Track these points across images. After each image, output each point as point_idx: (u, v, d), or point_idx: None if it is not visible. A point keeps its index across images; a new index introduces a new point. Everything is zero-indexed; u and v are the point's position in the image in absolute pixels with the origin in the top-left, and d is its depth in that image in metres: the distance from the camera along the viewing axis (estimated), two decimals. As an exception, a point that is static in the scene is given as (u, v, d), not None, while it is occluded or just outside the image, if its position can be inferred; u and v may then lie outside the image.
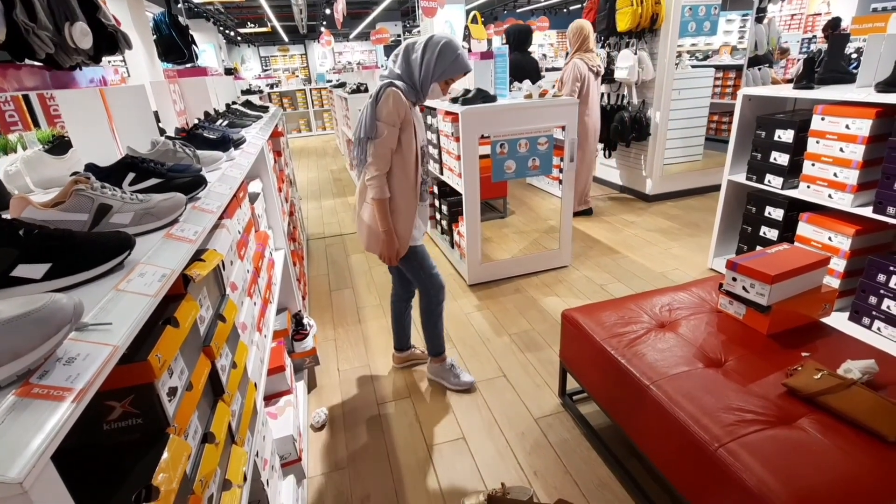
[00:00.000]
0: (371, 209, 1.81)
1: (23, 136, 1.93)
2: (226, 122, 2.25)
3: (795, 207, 2.51)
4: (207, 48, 9.91)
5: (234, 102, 3.34)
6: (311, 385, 2.29)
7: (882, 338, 2.14)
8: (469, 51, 4.39)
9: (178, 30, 2.92)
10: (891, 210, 2.06)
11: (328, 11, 11.08)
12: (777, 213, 2.61)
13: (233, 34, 14.34)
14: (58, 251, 0.70)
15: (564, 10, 14.10)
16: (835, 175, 2.27)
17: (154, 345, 0.71)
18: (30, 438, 0.43)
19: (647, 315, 1.80)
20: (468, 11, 6.37)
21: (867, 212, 2.17)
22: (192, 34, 3.08)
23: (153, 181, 1.11)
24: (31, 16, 0.84)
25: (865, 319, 2.21)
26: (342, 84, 7.27)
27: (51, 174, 1.41)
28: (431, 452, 1.87)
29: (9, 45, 0.83)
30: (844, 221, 2.26)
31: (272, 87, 10.38)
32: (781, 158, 2.55)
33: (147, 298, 0.69)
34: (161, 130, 1.85)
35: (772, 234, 2.66)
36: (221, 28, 11.92)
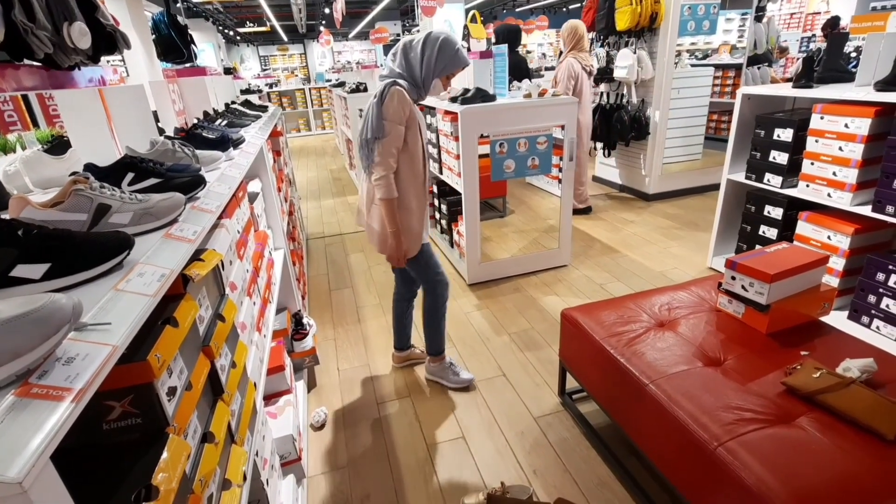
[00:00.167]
0: (380, 211, 1.80)
1: (22, 136, 1.93)
2: (225, 122, 2.25)
3: (795, 206, 2.51)
4: (206, 48, 9.92)
5: (234, 102, 3.33)
6: (311, 385, 2.29)
7: (881, 336, 2.14)
8: (468, 50, 4.39)
9: (177, 29, 2.91)
10: (890, 209, 2.06)
11: (327, 11, 11.07)
12: (776, 212, 2.61)
13: (232, 34, 14.33)
14: (57, 251, 0.70)
15: (563, 10, 14.12)
16: (834, 174, 2.27)
17: (153, 345, 0.71)
18: (29, 438, 0.43)
19: (647, 314, 1.80)
20: (467, 10, 6.38)
21: (866, 210, 2.17)
22: (191, 34, 3.07)
23: (152, 181, 1.10)
24: (30, 16, 0.84)
25: (864, 318, 2.21)
26: (341, 83, 7.26)
27: (50, 174, 1.41)
28: (431, 452, 1.87)
29: (7, 45, 0.82)
30: (843, 220, 2.26)
31: (271, 87, 10.38)
32: (781, 157, 2.56)
33: (146, 298, 0.69)
34: (160, 130, 1.85)
35: (771, 233, 2.66)
36: (220, 27, 11.93)
